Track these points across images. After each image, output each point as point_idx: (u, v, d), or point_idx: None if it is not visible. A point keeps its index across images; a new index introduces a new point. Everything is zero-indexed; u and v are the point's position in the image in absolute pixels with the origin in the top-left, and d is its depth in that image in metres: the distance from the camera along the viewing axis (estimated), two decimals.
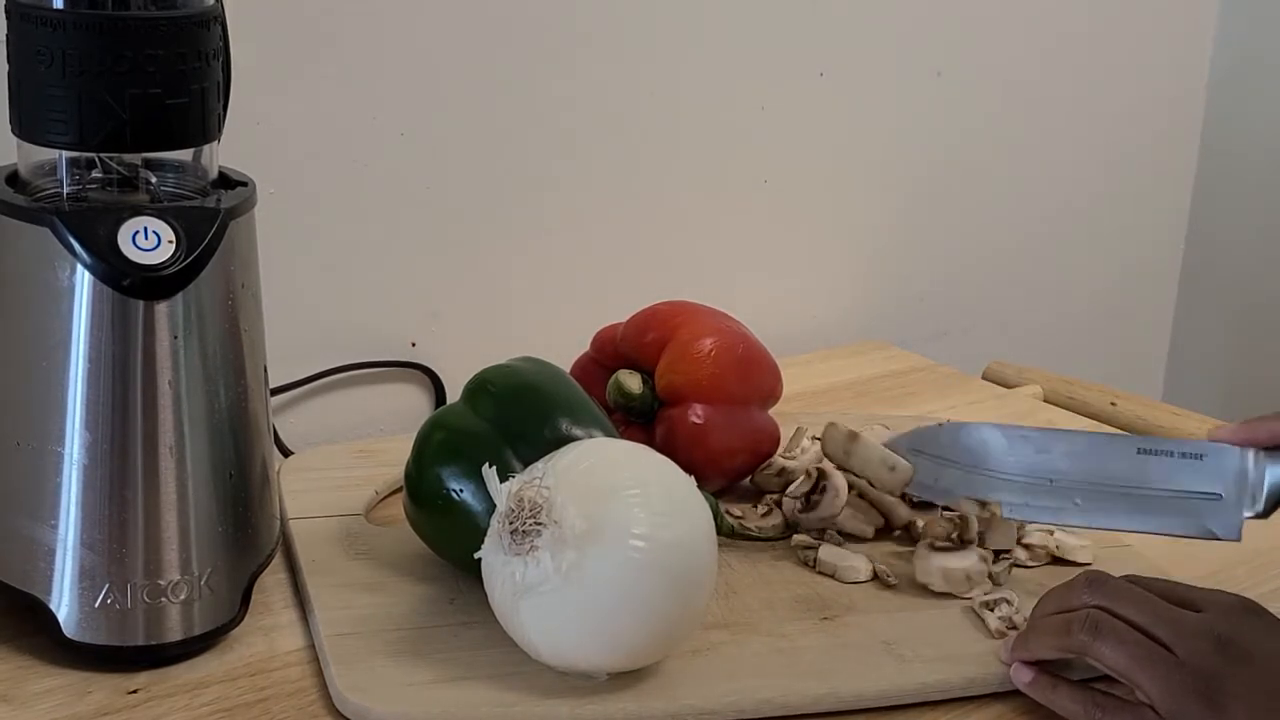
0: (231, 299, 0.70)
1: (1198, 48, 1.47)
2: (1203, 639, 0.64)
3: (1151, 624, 0.66)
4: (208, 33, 0.68)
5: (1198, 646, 0.64)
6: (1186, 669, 0.64)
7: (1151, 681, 0.64)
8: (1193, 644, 0.64)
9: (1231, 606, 0.67)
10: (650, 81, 1.10)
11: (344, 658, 0.70)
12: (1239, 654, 0.64)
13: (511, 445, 0.75)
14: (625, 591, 0.65)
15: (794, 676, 0.71)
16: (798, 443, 0.91)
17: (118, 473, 0.67)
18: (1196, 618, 0.66)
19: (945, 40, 1.26)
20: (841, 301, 1.27)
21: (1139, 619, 0.66)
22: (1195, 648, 0.64)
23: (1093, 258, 1.45)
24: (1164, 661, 0.64)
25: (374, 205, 0.99)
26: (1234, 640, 0.64)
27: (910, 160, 1.27)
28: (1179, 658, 0.64)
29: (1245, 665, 0.63)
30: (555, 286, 1.09)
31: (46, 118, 0.67)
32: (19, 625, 0.72)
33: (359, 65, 0.96)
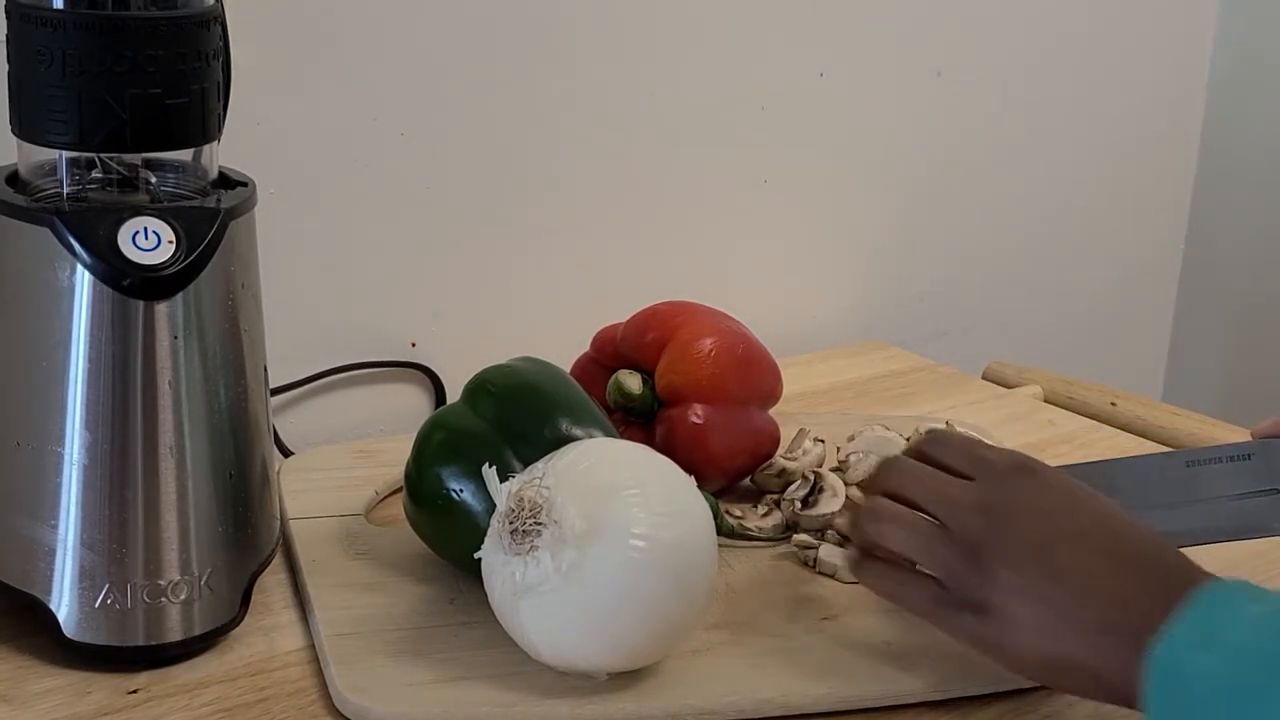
0: (231, 299, 0.70)
1: (1198, 48, 1.47)
2: (969, 509, 0.67)
3: (926, 501, 0.69)
4: (208, 33, 0.68)
5: (965, 517, 0.67)
6: (956, 538, 0.67)
7: (927, 556, 0.68)
8: (960, 515, 0.67)
9: (1004, 468, 0.69)
10: (650, 81, 1.10)
11: (344, 658, 0.70)
12: (1002, 516, 0.66)
13: (511, 445, 0.75)
14: (625, 591, 0.65)
15: (794, 676, 0.71)
16: (799, 444, 0.91)
17: (118, 473, 0.67)
18: (965, 488, 0.68)
19: (945, 40, 1.26)
20: (841, 301, 1.27)
21: (917, 498, 0.69)
22: (963, 519, 0.67)
23: (1093, 258, 1.45)
24: (936, 535, 0.68)
25: (374, 205, 0.99)
26: (998, 504, 0.67)
27: (910, 160, 1.27)
28: (949, 530, 0.67)
29: (1007, 526, 0.66)
30: (555, 286, 1.09)
31: (46, 118, 0.67)
32: (19, 625, 0.72)
33: (359, 65, 0.96)
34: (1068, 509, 0.67)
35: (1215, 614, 0.58)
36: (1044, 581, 0.64)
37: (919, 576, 0.69)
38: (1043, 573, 0.64)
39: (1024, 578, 0.64)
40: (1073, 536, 0.65)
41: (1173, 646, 0.58)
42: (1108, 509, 0.67)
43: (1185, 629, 0.58)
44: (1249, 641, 0.56)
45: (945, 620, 0.67)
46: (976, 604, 0.66)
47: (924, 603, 0.68)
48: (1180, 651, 0.57)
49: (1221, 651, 0.56)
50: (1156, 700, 0.57)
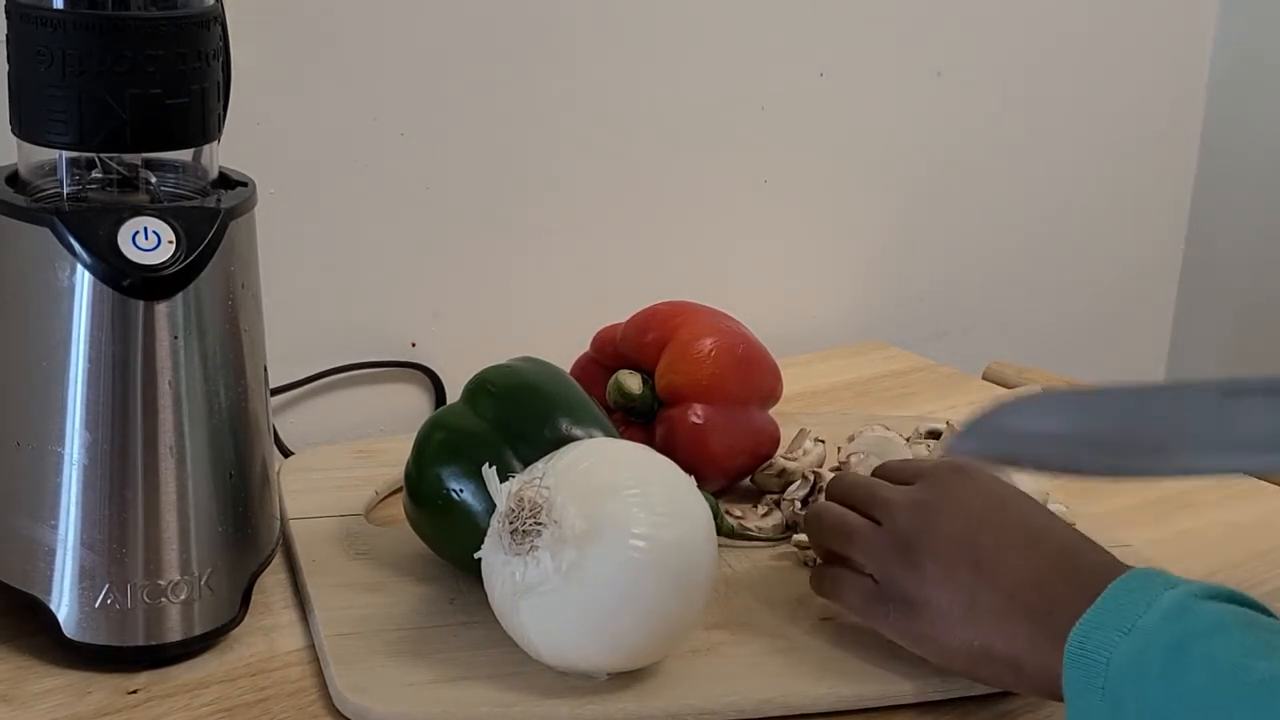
0: (231, 299, 0.70)
1: (1198, 48, 1.47)
2: (904, 508, 0.70)
3: (866, 504, 0.72)
4: (208, 33, 0.68)
5: (900, 515, 0.70)
6: (889, 536, 0.70)
7: (861, 552, 0.71)
8: (894, 513, 0.70)
9: (935, 472, 0.72)
10: (650, 82, 1.10)
11: (344, 658, 0.70)
12: (933, 512, 0.69)
13: (511, 445, 0.75)
14: (625, 591, 0.65)
15: (794, 677, 0.71)
16: (800, 444, 0.91)
17: (118, 473, 0.67)
18: (903, 490, 0.72)
19: (945, 40, 1.26)
20: (841, 301, 1.27)
21: (856, 502, 0.73)
22: (898, 517, 0.70)
23: (1093, 258, 1.45)
24: (870, 532, 0.71)
25: (374, 205, 0.99)
26: (931, 502, 0.70)
27: (910, 160, 1.27)
28: (884, 528, 0.70)
29: (936, 521, 0.69)
30: (555, 286, 1.09)
31: (46, 118, 0.67)
32: (19, 625, 0.72)
33: (359, 65, 0.96)
34: (994, 505, 0.70)
35: (1131, 599, 0.59)
36: (966, 571, 0.67)
37: (856, 575, 0.71)
38: (965, 563, 0.67)
39: (948, 569, 0.67)
40: (995, 529, 0.68)
41: (1091, 630, 0.59)
42: (1034, 507, 0.70)
43: (1102, 614, 0.59)
44: (1162, 624, 0.58)
45: (877, 616, 0.70)
46: (904, 598, 0.68)
47: (858, 599, 0.71)
48: (1097, 634, 0.59)
49: (1138, 634, 0.58)
50: (1074, 683, 0.59)
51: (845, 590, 0.72)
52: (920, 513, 0.70)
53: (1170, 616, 0.58)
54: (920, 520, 0.69)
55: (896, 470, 0.75)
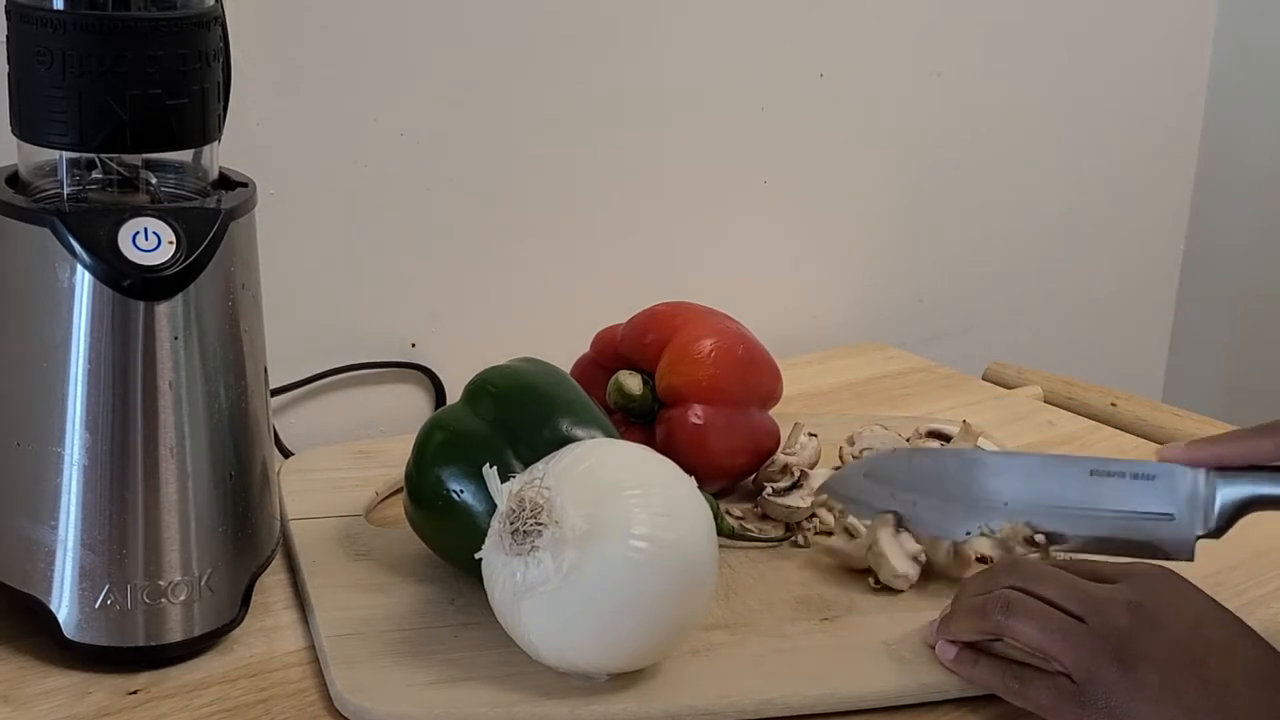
0: (231, 299, 0.70)
1: (1198, 48, 1.47)
2: (1113, 605, 0.66)
3: (1064, 598, 0.67)
4: (208, 33, 0.68)
5: (1109, 613, 0.66)
6: (1097, 634, 0.65)
7: (1063, 649, 0.66)
8: (1104, 611, 0.66)
9: (1145, 574, 0.69)
10: (650, 82, 1.10)
11: (344, 658, 0.70)
12: (1149, 616, 0.65)
13: (512, 446, 0.75)
14: (626, 592, 0.65)
15: (794, 677, 0.71)
16: (795, 438, 0.91)
17: (118, 473, 0.67)
18: (1108, 588, 0.68)
19: (945, 41, 1.26)
20: (841, 302, 1.27)
21: (1053, 595, 0.68)
22: (1106, 615, 0.66)
23: (1093, 258, 1.45)
24: (1075, 630, 0.66)
25: (374, 205, 0.99)
26: (1144, 604, 0.66)
27: (910, 161, 1.27)
28: (1090, 626, 0.66)
29: (1155, 626, 0.65)
30: (555, 287, 1.09)
31: (46, 118, 0.67)
32: (19, 626, 0.72)
33: (359, 65, 0.96)
34: (1216, 620, 0.67)
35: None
36: (1191, 691, 0.63)
37: (1042, 672, 0.67)
38: (1192, 682, 0.63)
39: (1170, 682, 0.63)
40: (1222, 651, 0.65)
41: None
42: (1250, 629, 0.67)
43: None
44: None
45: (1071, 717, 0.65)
46: (1112, 704, 0.64)
47: (1051, 699, 0.66)
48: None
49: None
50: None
51: (1033, 688, 0.67)
52: (1137, 615, 0.65)
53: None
54: (1138, 622, 0.65)
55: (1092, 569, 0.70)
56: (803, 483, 0.86)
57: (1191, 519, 0.74)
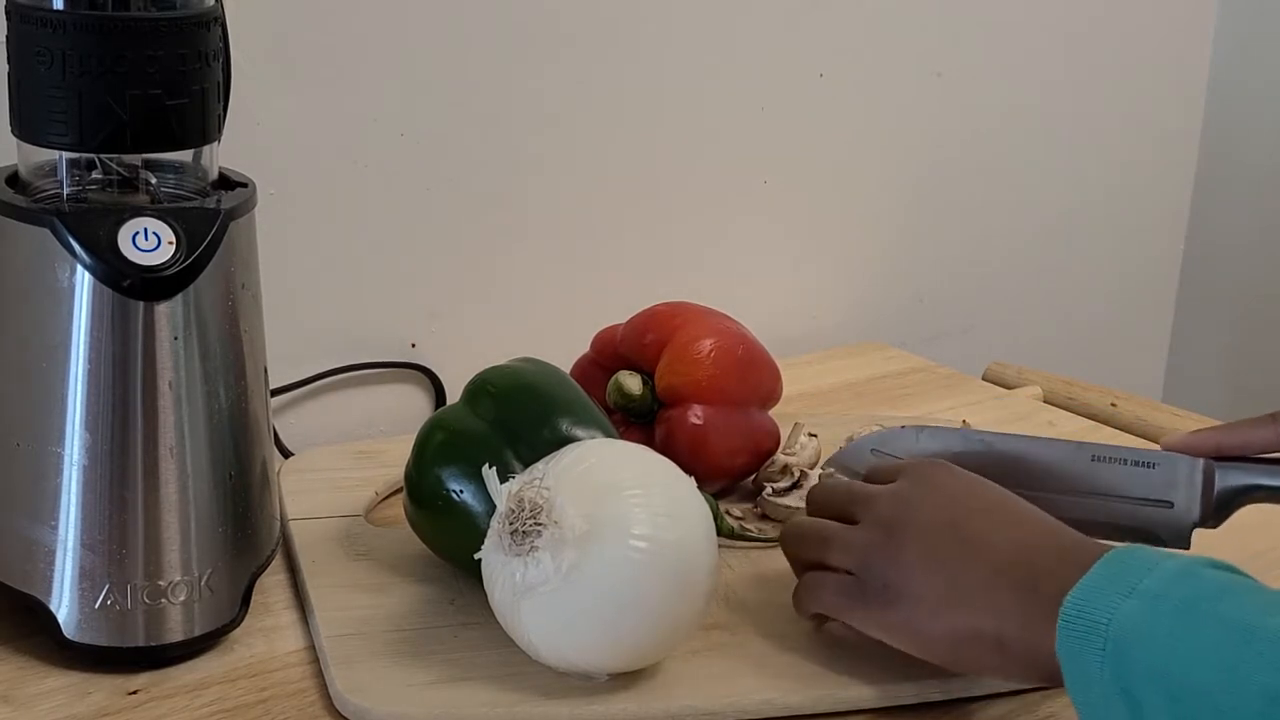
0: (232, 300, 0.70)
1: (1198, 48, 1.47)
2: (883, 498, 0.70)
3: (844, 505, 0.71)
4: (208, 33, 0.68)
5: (879, 505, 0.69)
6: (868, 528, 0.69)
7: (838, 549, 0.70)
8: (876, 504, 0.69)
9: (918, 465, 0.72)
10: (650, 82, 1.10)
11: (344, 658, 0.70)
12: (914, 501, 0.69)
13: (511, 446, 0.75)
14: (625, 592, 0.65)
15: (794, 677, 0.71)
16: (795, 438, 0.91)
17: (118, 473, 0.67)
18: (882, 488, 0.71)
19: (945, 41, 1.26)
20: (841, 302, 1.27)
21: (834, 507, 0.72)
22: (877, 507, 0.69)
23: (1093, 258, 1.45)
24: (847, 530, 0.70)
25: (374, 205, 0.99)
26: (911, 492, 0.69)
27: (910, 161, 1.27)
28: (863, 522, 0.69)
29: (916, 508, 0.68)
30: (555, 287, 1.09)
31: (46, 118, 0.67)
32: (19, 626, 0.72)
33: (359, 65, 0.96)
34: (976, 492, 0.69)
35: (1129, 567, 0.59)
36: (948, 552, 0.66)
37: (831, 574, 0.70)
38: (948, 544, 0.66)
39: (929, 551, 0.66)
40: (979, 512, 0.67)
41: (1088, 595, 0.58)
42: (1015, 496, 0.69)
43: (1099, 579, 0.59)
44: (1168, 587, 0.57)
45: (856, 612, 0.69)
46: (885, 586, 0.67)
47: (835, 597, 0.70)
48: (1096, 599, 0.58)
49: (1141, 596, 0.57)
50: (1070, 647, 0.58)
51: (821, 591, 0.71)
52: (900, 502, 0.69)
53: (1176, 580, 0.57)
54: (900, 509, 0.68)
55: (874, 472, 0.74)
56: (803, 483, 0.86)
57: (1189, 507, 0.74)
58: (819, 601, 0.71)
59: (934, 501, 0.68)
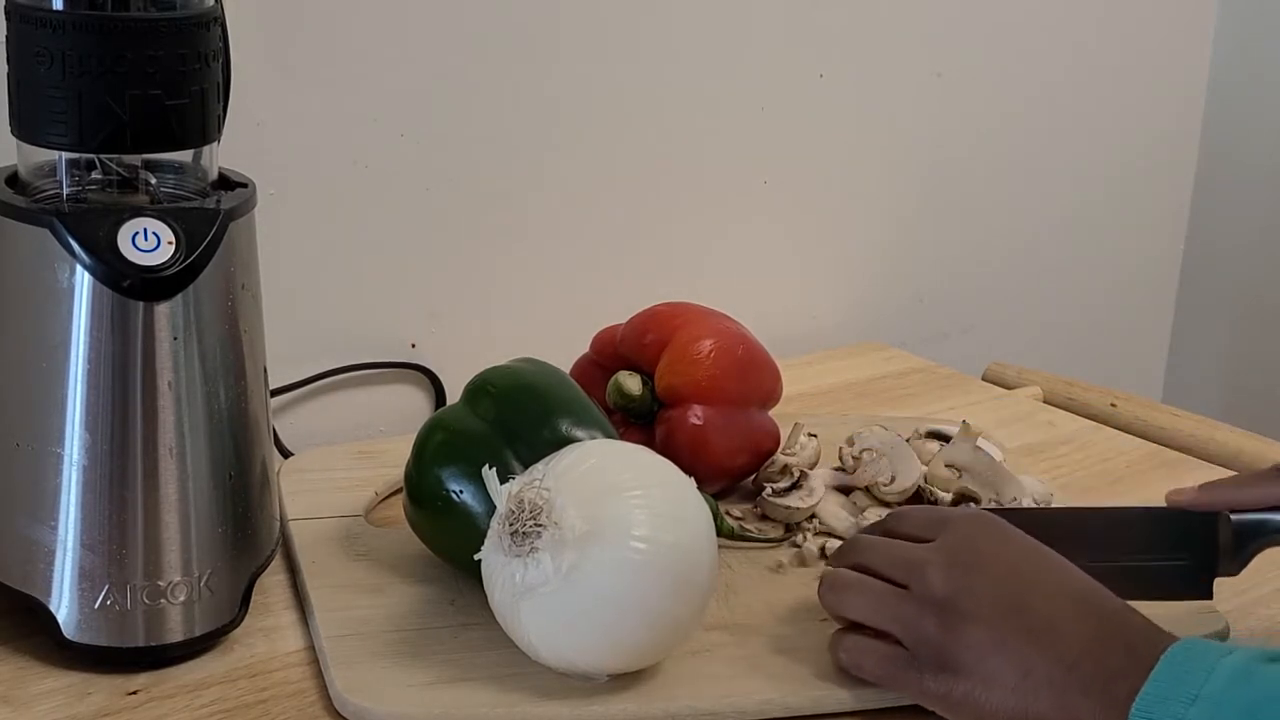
0: (231, 300, 0.70)
1: (1198, 48, 1.47)
2: (931, 568, 0.67)
3: (888, 567, 0.69)
4: (207, 34, 0.68)
5: (929, 574, 0.67)
6: (919, 600, 0.67)
7: (890, 620, 0.68)
8: (923, 573, 0.67)
9: (960, 524, 0.70)
10: (650, 82, 1.10)
11: (344, 659, 0.70)
12: (966, 570, 0.67)
13: (511, 446, 0.75)
14: (625, 593, 0.65)
15: (794, 677, 0.71)
16: (795, 438, 0.91)
17: (117, 474, 0.67)
18: (926, 549, 0.68)
19: (945, 41, 1.26)
20: (841, 303, 1.27)
21: (878, 566, 0.69)
22: (926, 576, 0.67)
23: (1093, 258, 1.45)
24: (896, 598, 0.67)
25: (374, 205, 0.99)
26: (960, 559, 0.67)
27: (910, 161, 1.27)
28: (913, 591, 0.67)
29: (972, 580, 0.66)
30: (555, 287, 1.09)
31: (46, 119, 0.67)
32: (19, 626, 0.72)
33: (359, 65, 0.96)
34: (1034, 564, 0.68)
35: (1191, 668, 0.59)
36: (1017, 640, 0.64)
37: (880, 643, 0.69)
38: (1015, 631, 0.64)
39: (996, 634, 0.64)
40: (1041, 593, 0.66)
41: (1155, 700, 0.58)
42: (1068, 565, 0.68)
43: (1164, 685, 0.59)
44: (1227, 692, 0.57)
45: (911, 683, 0.67)
46: (943, 663, 0.65)
47: (885, 668, 0.68)
48: (1162, 705, 0.58)
49: (1204, 703, 0.57)
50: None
51: (867, 659, 0.69)
52: (955, 572, 0.66)
53: (1236, 682, 0.57)
54: (956, 580, 0.66)
55: (911, 524, 0.72)
56: (802, 483, 0.86)
57: (1207, 561, 0.75)
58: (863, 669, 0.69)
59: (993, 575, 0.66)
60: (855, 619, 0.70)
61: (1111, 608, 0.65)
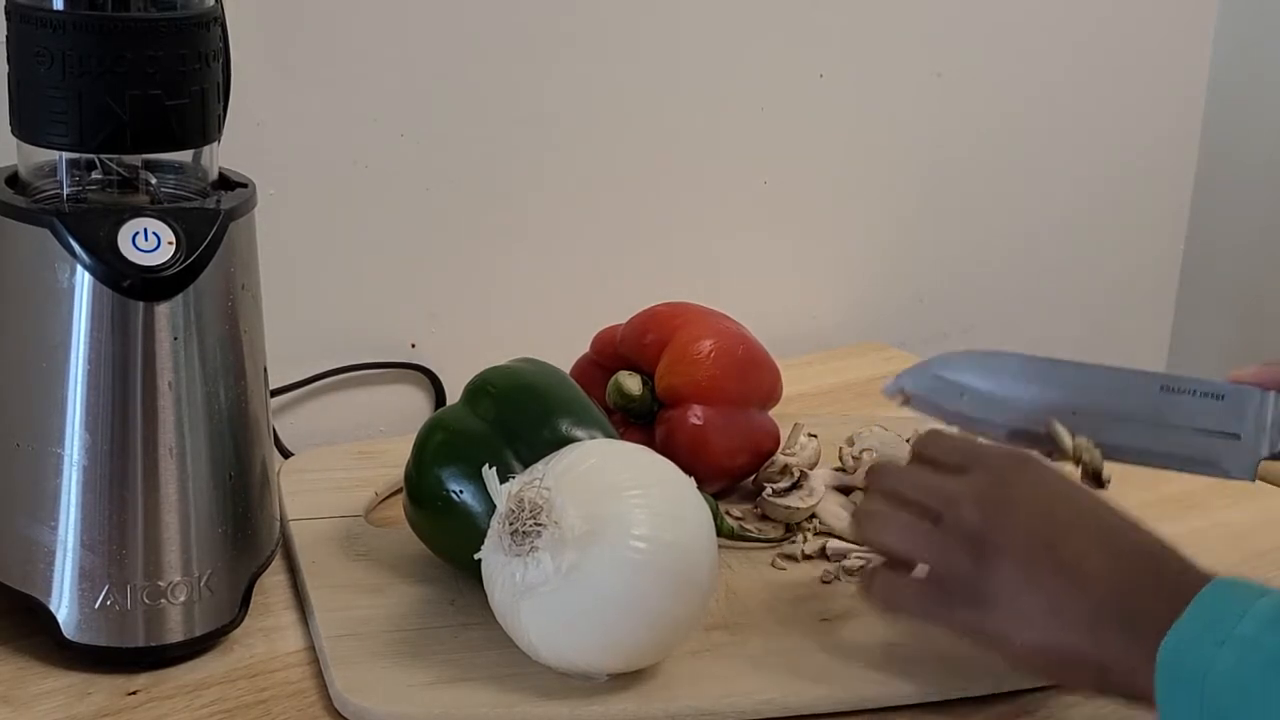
0: (231, 300, 0.70)
1: (1198, 48, 1.47)
2: (964, 501, 0.66)
3: (921, 497, 0.69)
4: (207, 34, 0.68)
5: (961, 509, 0.66)
6: (952, 532, 0.66)
7: (922, 551, 0.67)
8: (957, 508, 0.67)
9: (996, 459, 0.69)
10: (650, 82, 1.09)
11: (344, 659, 0.70)
12: (1000, 507, 0.66)
13: (511, 446, 0.75)
14: (625, 592, 0.65)
15: (794, 677, 0.71)
16: (795, 439, 0.91)
17: (117, 474, 0.67)
18: (960, 481, 0.68)
19: (945, 41, 1.26)
20: (841, 303, 1.27)
21: (911, 495, 0.69)
22: (959, 511, 0.66)
23: (1093, 258, 1.45)
24: (929, 532, 0.67)
25: (374, 206, 0.99)
26: (995, 495, 0.67)
27: (910, 161, 1.27)
28: (945, 524, 0.67)
29: (1005, 517, 0.66)
30: (555, 287, 1.09)
31: (46, 119, 0.67)
32: (19, 627, 0.72)
33: (359, 66, 0.96)
34: (1066, 500, 0.67)
35: (1224, 610, 0.58)
36: (1048, 573, 0.64)
37: (913, 577, 0.68)
38: (1047, 566, 0.64)
39: (1027, 570, 0.64)
40: (1074, 528, 0.65)
41: (1184, 641, 0.58)
42: (1103, 501, 0.67)
43: (1195, 623, 0.58)
44: (1262, 635, 0.56)
45: (943, 616, 0.67)
46: (976, 597, 0.65)
47: (919, 603, 0.68)
48: (1191, 646, 0.57)
49: (1235, 645, 0.56)
50: (1168, 695, 0.58)
51: (900, 594, 0.69)
52: (988, 508, 0.66)
53: (1269, 626, 0.56)
54: (989, 516, 0.66)
55: (941, 451, 0.71)
56: (802, 483, 0.86)
57: (1257, 440, 0.74)
58: (896, 604, 0.70)
59: (1026, 512, 0.66)
60: (888, 549, 0.70)
61: (1147, 545, 0.64)
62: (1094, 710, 0.70)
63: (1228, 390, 0.75)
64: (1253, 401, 0.74)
